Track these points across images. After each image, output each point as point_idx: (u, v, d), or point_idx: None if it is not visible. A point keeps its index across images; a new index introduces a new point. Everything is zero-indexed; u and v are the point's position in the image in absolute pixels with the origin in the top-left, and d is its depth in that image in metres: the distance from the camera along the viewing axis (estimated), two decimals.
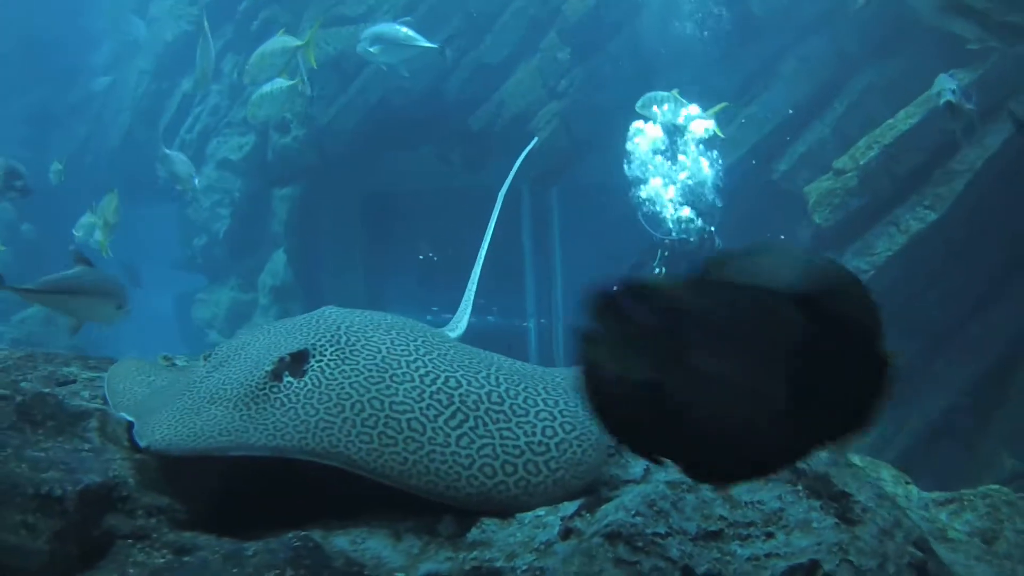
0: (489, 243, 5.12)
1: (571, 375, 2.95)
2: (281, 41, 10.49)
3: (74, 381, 3.29)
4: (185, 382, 2.71)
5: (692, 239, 9.62)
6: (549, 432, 2.59)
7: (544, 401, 2.71)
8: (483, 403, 2.63)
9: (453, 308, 15.51)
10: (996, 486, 4.69)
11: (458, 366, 2.77)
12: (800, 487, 2.93)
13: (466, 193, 14.78)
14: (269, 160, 14.22)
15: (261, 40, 11.99)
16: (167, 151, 11.82)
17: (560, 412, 2.67)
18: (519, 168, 6.63)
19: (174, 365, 4.20)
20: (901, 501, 3.57)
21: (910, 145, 9.30)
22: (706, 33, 11.09)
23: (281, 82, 10.63)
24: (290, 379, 2.56)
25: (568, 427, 2.62)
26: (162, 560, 2.19)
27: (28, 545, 2.09)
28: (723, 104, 10.31)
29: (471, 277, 4.79)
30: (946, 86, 7.97)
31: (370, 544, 2.28)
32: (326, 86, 13.63)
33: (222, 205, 14.73)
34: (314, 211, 14.92)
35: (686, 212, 9.72)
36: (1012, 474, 9.10)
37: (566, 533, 2.37)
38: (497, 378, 2.77)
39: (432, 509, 2.44)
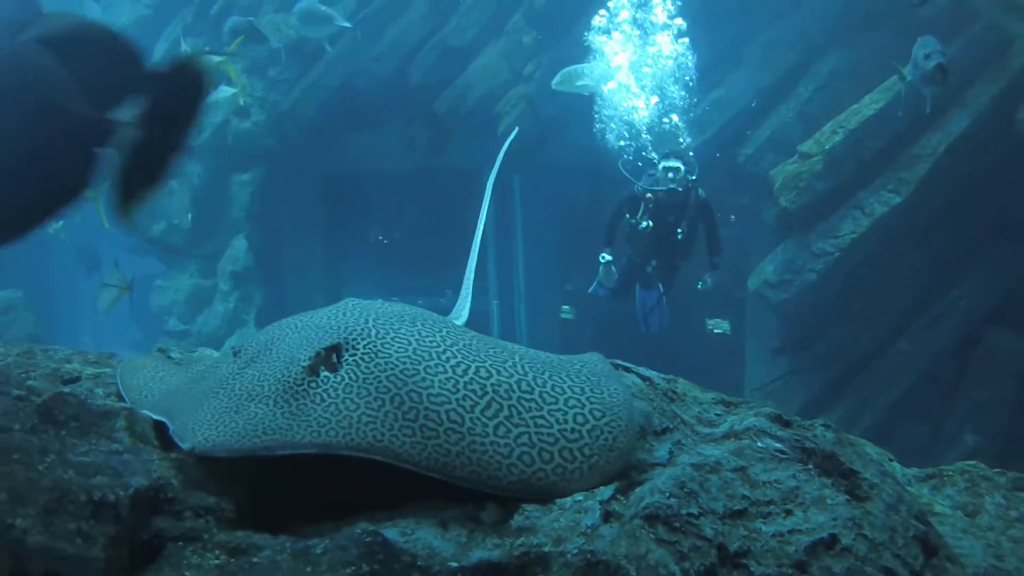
0: (477, 232, 5.12)
1: (589, 363, 3.02)
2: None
3: (79, 378, 3.27)
4: (215, 379, 2.67)
5: (679, 188, 9.64)
6: (580, 419, 2.63)
7: (571, 388, 2.76)
8: (515, 392, 2.66)
9: (416, 290, 15.58)
10: (972, 462, 4.84)
11: (485, 356, 2.80)
12: (811, 466, 3.02)
13: (430, 175, 14.82)
14: (229, 145, 14.06)
15: (221, 24, 11.96)
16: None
17: (588, 399, 2.72)
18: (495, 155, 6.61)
19: (170, 358, 4.19)
20: None
21: (874, 130, 9.51)
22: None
23: (225, 90, 11.54)
24: (327, 374, 2.54)
25: (598, 414, 2.66)
26: (216, 561, 2.16)
27: (85, 554, 2.04)
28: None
29: (468, 266, 4.80)
30: (935, 48, 7.94)
31: (420, 535, 2.29)
32: (287, 70, 13.54)
33: (181, 191, 14.54)
34: (275, 196, 14.82)
35: (672, 163, 9.67)
36: (973, 450, 9.38)
37: (606, 516, 2.43)
38: (523, 367, 2.80)
39: (470, 496, 2.46)
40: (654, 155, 10.32)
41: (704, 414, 3.39)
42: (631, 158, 10.45)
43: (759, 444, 3.05)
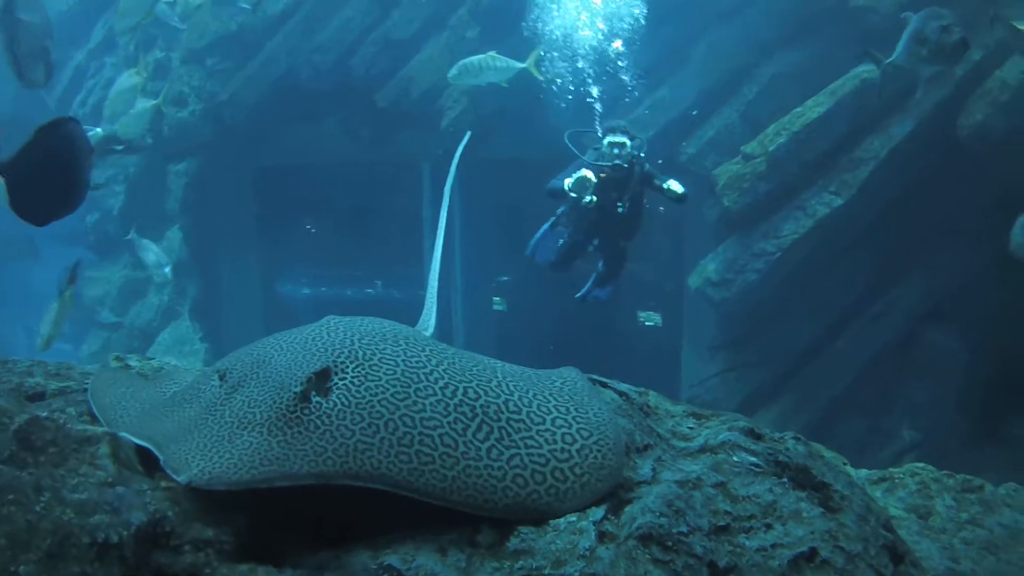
0: (437, 244, 5.10)
1: (568, 380, 3.04)
2: (130, 80, 11.80)
3: (44, 394, 3.19)
4: (201, 404, 2.61)
5: (625, 164, 9.34)
6: (568, 439, 2.65)
7: (556, 408, 2.78)
8: (503, 413, 2.67)
9: (346, 281, 15.47)
10: (921, 464, 4.99)
11: (470, 375, 2.80)
12: (785, 479, 3.08)
13: (370, 167, 14.72)
14: (165, 135, 13.77)
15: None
16: (137, 236, 12.28)
17: (574, 419, 2.74)
18: (442, 154, 6.59)
19: (129, 367, 4.10)
20: None
21: (818, 133, 9.67)
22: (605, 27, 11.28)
23: (144, 103, 11.75)
24: (318, 399, 2.50)
25: (585, 433, 2.69)
26: None
27: None
28: (536, 51, 10.60)
29: (431, 278, 4.78)
30: (950, 20, 7.68)
31: (420, 561, 2.27)
32: (226, 59, 13.31)
33: (116, 181, 14.20)
34: (211, 187, 14.57)
35: (618, 139, 9.35)
36: (911, 445, 9.64)
37: (601, 537, 2.45)
38: (508, 386, 2.80)
39: (465, 518, 2.45)
40: (598, 129, 9.97)
41: (677, 427, 3.43)
42: (578, 131, 10.07)
43: (735, 458, 3.10)
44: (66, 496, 2.17)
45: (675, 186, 9.23)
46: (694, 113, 11.20)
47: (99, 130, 10.94)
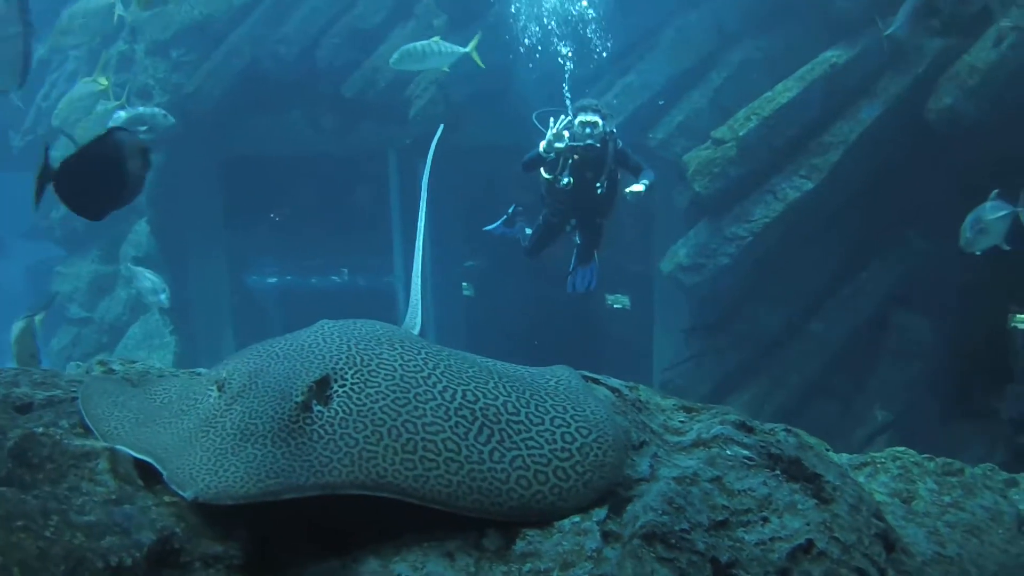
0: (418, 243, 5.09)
1: (562, 378, 3.05)
2: (87, 87, 11.65)
3: (31, 404, 3.12)
4: (199, 415, 2.58)
5: (597, 144, 9.15)
6: (568, 438, 2.66)
7: (553, 408, 2.78)
8: (503, 415, 2.67)
9: (313, 270, 15.38)
10: (902, 448, 5.06)
11: (467, 377, 2.80)
12: (778, 471, 3.11)
13: (336, 158, 14.62)
14: (131, 128, 13.57)
15: None
16: (133, 267, 12.16)
17: (572, 418, 2.74)
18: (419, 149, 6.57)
19: (112, 371, 4.05)
20: None
21: (787, 118, 9.74)
22: (584, 3, 11.23)
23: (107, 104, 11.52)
24: (320, 408, 2.49)
25: (585, 431, 2.69)
26: None
27: None
28: (477, 36, 10.49)
29: (414, 276, 4.76)
30: None
31: (430, 568, 2.27)
32: (191, 51, 13.13)
33: None
34: (177, 179, 14.38)
35: (590, 118, 9.17)
36: (883, 426, 9.77)
37: (606, 537, 2.47)
38: (505, 387, 2.80)
39: (469, 522, 2.44)
40: (569, 109, 9.80)
41: (669, 422, 3.45)
42: (547, 110, 9.78)
43: (728, 452, 3.13)
44: (74, 519, 2.13)
45: (636, 188, 9.21)
46: (660, 103, 11.20)
47: (122, 113, 10.76)
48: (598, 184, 9.32)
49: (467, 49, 10.43)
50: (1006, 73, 8.88)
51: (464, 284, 16.42)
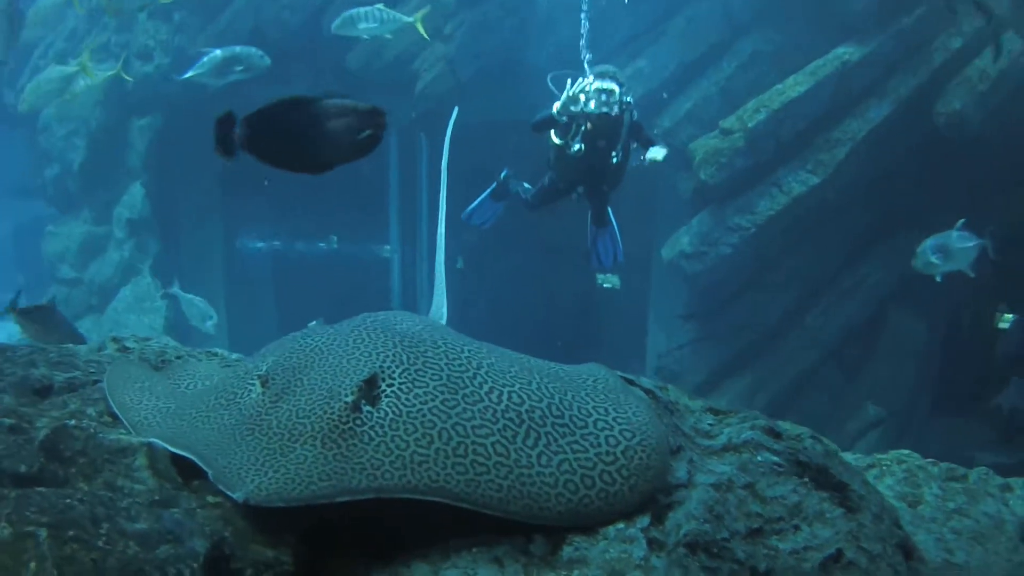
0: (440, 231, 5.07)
1: (600, 378, 3.05)
2: (57, 71, 11.67)
3: (51, 386, 3.07)
4: (241, 411, 2.54)
5: (613, 112, 8.89)
6: (612, 441, 2.65)
7: (595, 409, 2.77)
8: (548, 418, 2.65)
9: (304, 235, 15.40)
10: (907, 451, 5.12)
11: (511, 377, 2.77)
12: (807, 479, 3.14)
13: None
14: (129, 89, 13.43)
15: None
16: (182, 293, 12.10)
17: (615, 420, 2.73)
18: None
19: (127, 348, 4.02)
20: None
21: (796, 111, 9.76)
22: None
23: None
24: (369, 409, 2.46)
25: (628, 434, 2.68)
26: None
27: None
28: (425, 9, 10.49)
29: (437, 264, 4.74)
30: None
31: (480, 575, 2.27)
32: (194, 14, 12.99)
33: (77, 135, 13.87)
34: (174, 143, 14.27)
35: (607, 85, 8.90)
36: (875, 421, 9.87)
37: (650, 544, 2.49)
38: (548, 388, 2.79)
39: (513, 525, 2.43)
40: (587, 71, 9.39)
41: (699, 424, 3.47)
42: (562, 73, 9.49)
43: (759, 458, 3.15)
44: (126, 527, 2.06)
45: (656, 154, 8.99)
46: (664, 96, 11.15)
47: (218, 52, 10.53)
48: (613, 153, 9.11)
49: (411, 20, 10.34)
50: (1015, 80, 8.92)
51: (459, 259, 16.43)
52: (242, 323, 15.51)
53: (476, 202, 10.51)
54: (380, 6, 10.14)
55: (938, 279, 8.65)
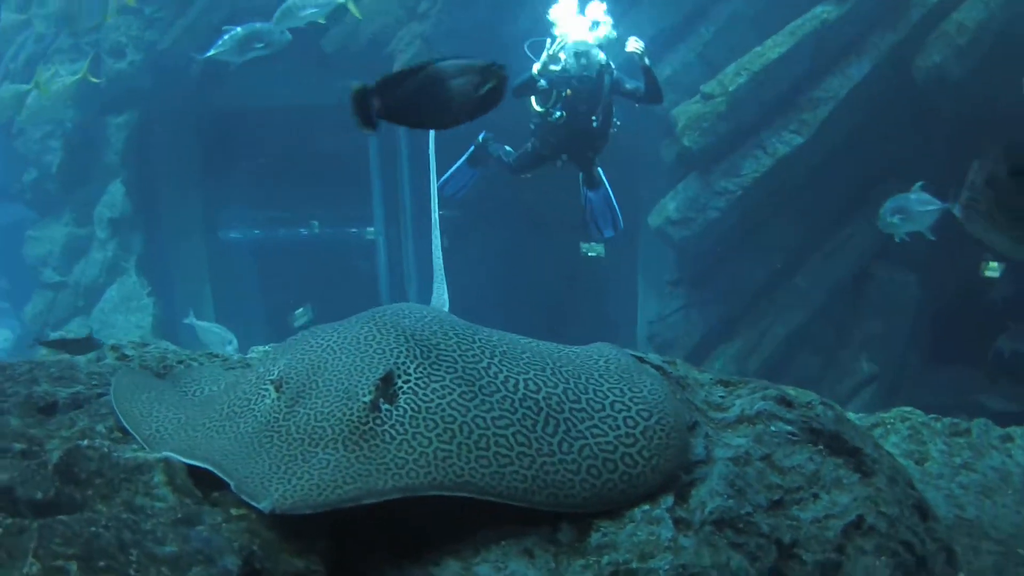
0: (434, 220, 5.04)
1: (612, 358, 3.04)
2: (11, 89, 11.83)
3: (56, 403, 3.01)
4: (258, 418, 2.50)
5: (593, 75, 8.77)
6: (631, 423, 2.64)
7: (611, 391, 2.76)
8: (565, 403, 2.65)
9: (285, 222, 15.33)
10: (908, 408, 5.17)
11: (524, 364, 2.77)
12: (821, 446, 3.16)
13: (313, 112, 14.41)
14: (103, 87, 13.30)
15: None
16: (198, 321, 12.00)
17: (631, 400, 2.73)
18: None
19: (126, 356, 3.98)
20: None
21: (777, 73, 9.75)
22: None
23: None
24: (388, 407, 2.43)
25: (645, 414, 2.68)
26: None
27: None
28: None
29: (434, 252, 4.72)
30: None
31: (512, 568, 2.25)
32: (165, 7, 12.85)
33: (53, 137, 13.72)
34: (152, 138, 14.18)
35: (583, 47, 8.77)
36: (869, 377, 9.94)
37: (676, 524, 2.50)
38: (562, 373, 2.78)
39: (539, 514, 2.42)
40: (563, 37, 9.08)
41: (710, 397, 3.47)
42: (539, 39, 9.24)
43: (772, 428, 3.16)
44: (155, 551, 2.02)
45: (635, 46, 8.75)
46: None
47: (239, 29, 10.52)
48: (593, 117, 8.97)
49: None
50: (994, 32, 8.92)
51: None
52: (230, 315, 15.47)
53: (452, 169, 10.27)
54: None
55: (898, 240, 8.77)
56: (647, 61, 8.74)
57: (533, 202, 12.22)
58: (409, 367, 2.59)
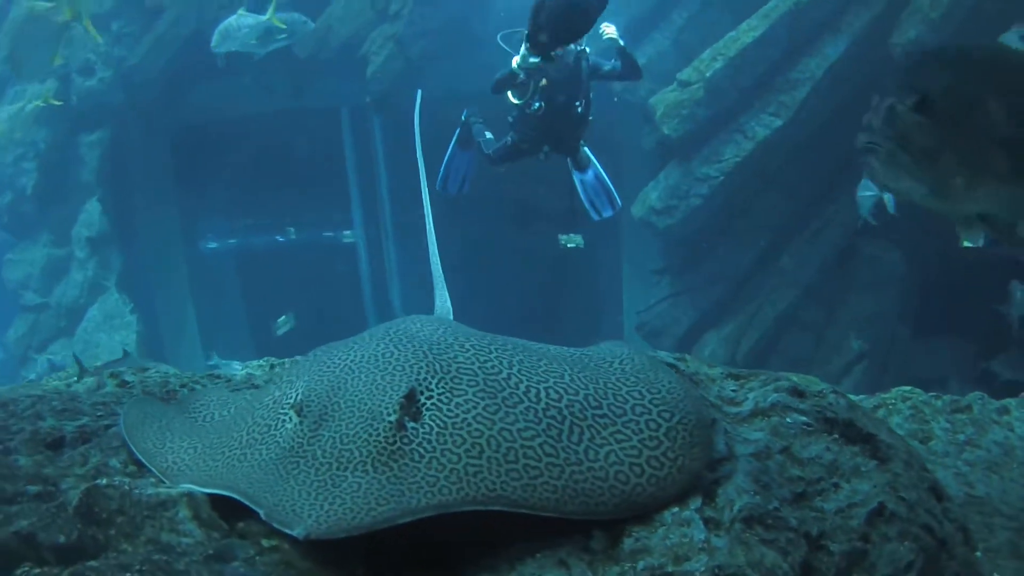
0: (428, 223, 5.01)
1: (622, 357, 3.04)
2: None
3: (63, 438, 2.95)
4: (280, 444, 2.47)
5: (570, 62, 8.72)
6: (653, 425, 2.63)
7: (630, 394, 2.74)
8: (587, 410, 2.63)
9: (264, 230, 15.32)
10: (908, 387, 5.18)
11: (543, 372, 2.75)
12: (836, 435, 3.16)
13: (287, 118, 14.36)
14: (74, 105, 13.20)
15: None
16: (219, 360, 12.06)
17: (651, 402, 2.71)
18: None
19: (125, 383, 3.93)
20: None
21: (754, 56, 9.76)
22: None
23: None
24: (413, 425, 2.42)
25: (667, 415, 2.66)
26: None
27: None
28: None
29: (432, 257, 4.69)
30: None
31: None
32: (132, 22, 12.76)
33: (27, 159, 13.61)
34: (126, 154, 14.11)
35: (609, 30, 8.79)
36: (859, 355, 9.99)
37: (707, 524, 2.50)
38: (581, 379, 2.76)
39: (565, 524, 2.40)
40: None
41: (723, 392, 3.46)
42: (512, 31, 9.15)
43: (788, 420, 3.16)
44: None
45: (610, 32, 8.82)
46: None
47: (263, 18, 10.53)
48: (577, 103, 8.93)
49: (267, 17, 10.46)
50: (967, 6, 8.95)
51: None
52: (212, 325, 15.40)
53: (445, 160, 10.18)
54: (242, 11, 10.36)
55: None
56: (621, 42, 8.81)
57: (515, 193, 12.20)
58: (431, 383, 2.57)
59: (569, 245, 15.53)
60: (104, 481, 2.39)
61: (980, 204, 3.14)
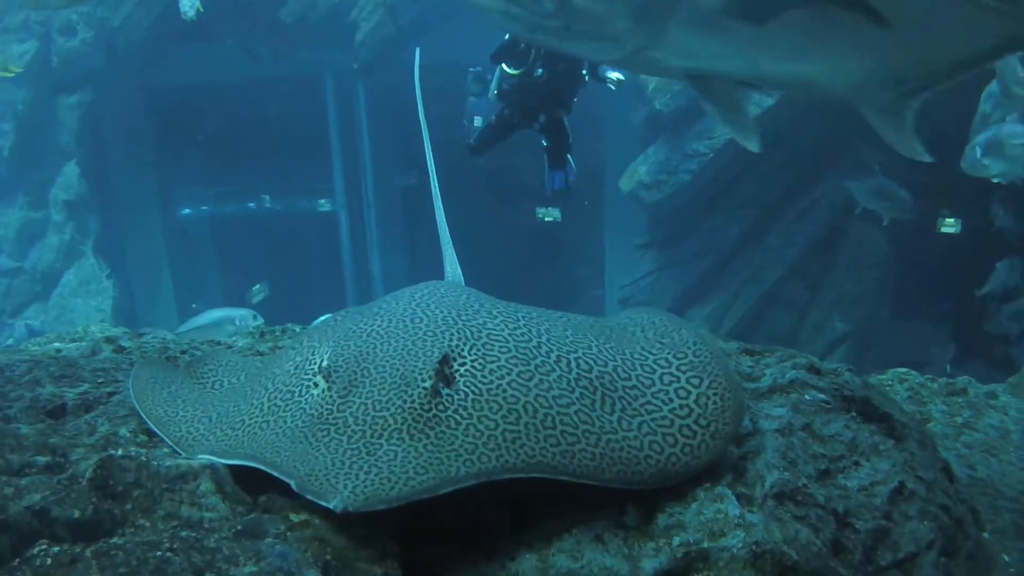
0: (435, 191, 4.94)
1: (644, 324, 3.00)
2: None
3: (64, 405, 2.86)
4: (308, 412, 2.38)
5: None
6: (683, 393, 2.58)
7: (657, 363, 2.71)
8: (617, 381, 2.59)
9: (241, 197, 15.15)
10: (903, 369, 5.20)
11: (571, 342, 2.71)
12: (854, 413, 3.16)
13: (270, 84, 14.18)
14: (54, 66, 12.96)
15: None
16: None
17: (678, 369, 2.67)
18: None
19: (123, 348, 3.84)
20: None
21: None
22: None
23: None
24: (448, 392, 2.34)
25: (696, 380, 2.62)
26: None
27: None
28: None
29: (440, 226, 4.61)
30: None
31: (588, 556, 2.22)
32: None
33: (4, 119, 13.34)
34: (106, 117, 13.89)
35: None
36: (843, 335, 10.04)
37: (739, 500, 2.48)
38: (608, 350, 2.73)
39: (603, 496, 2.38)
40: None
41: (739, 367, 3.46)
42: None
43: (807, 397, 3.15)
44: (224, 569, 1.84)
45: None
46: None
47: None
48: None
49: None
50: None
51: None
52: (188, 291, 15.27)
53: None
54: None
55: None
56: None
57: (496, 169, 12.12)
58: (463, 349, 2.51)
59: (547, 219, 15.52)
60: (120, 452, 2.25)
61: None
